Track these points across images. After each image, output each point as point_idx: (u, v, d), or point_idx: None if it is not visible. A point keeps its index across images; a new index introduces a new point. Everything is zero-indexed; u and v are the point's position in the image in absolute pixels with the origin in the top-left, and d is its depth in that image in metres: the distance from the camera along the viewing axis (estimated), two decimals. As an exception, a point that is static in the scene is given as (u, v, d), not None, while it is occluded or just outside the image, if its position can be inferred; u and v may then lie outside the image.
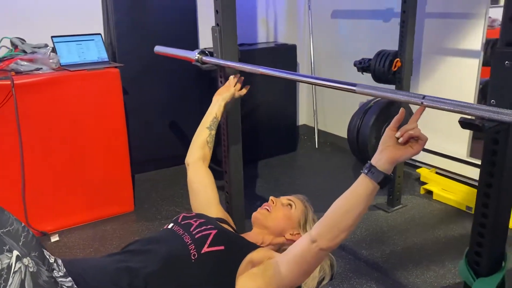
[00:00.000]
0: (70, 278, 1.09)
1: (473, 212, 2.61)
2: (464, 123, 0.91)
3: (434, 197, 2.89)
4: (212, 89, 3.35)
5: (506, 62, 0.90)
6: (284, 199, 1.55)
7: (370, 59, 2.75)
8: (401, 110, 1.05)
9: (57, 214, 2.54)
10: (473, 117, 0.94)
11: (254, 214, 1.49)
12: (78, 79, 2.47)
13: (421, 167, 3.17)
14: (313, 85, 3.93)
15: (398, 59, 2.53)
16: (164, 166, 3.45)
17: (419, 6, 2.51)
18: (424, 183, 3.02)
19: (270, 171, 3.43)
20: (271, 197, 1.53)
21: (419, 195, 2.96)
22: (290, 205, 1.52)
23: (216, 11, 1.78)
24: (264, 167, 3.51)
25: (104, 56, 2.72)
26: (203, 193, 1.59)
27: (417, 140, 1.00)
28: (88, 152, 2.58)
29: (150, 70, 3.19)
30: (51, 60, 2.48)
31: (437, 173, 3.08)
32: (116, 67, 2.61)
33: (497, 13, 2.84)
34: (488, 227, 1.02)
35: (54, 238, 2.47)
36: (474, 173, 2.88)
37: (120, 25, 3.03)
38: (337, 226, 1.05)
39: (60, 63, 2.54)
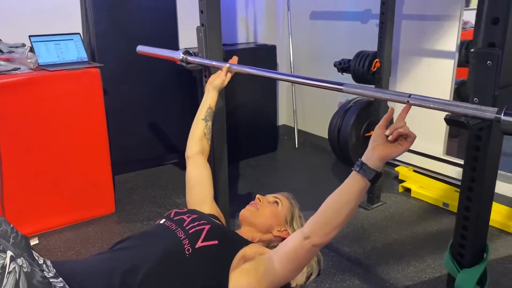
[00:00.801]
0: (61, 279, 1.08)
1: (449, 209, 2.72)
2: (450, 120, 0.95)
3: (412, 195, 2.97)
4: (193, 89, 3.40)
5: (488, 62, 0.95)
6: (270, 197, 1.58)
7: (349, 60, 2.80)
8: (390, 108, 1.09)
9: (36, 217, 2.49)
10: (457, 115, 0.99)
11: (242, 212, 1.51)
12: (58, 79, 2.43)
13: (399, 165, 3.25)
14: (293, 86, 3.97)
15: (377, 59, 2.59)
16: (144, 167, 3.43)
17: (396, 8, 2.58)
18: (402, 181, 3.10)
19: (251, 171, 3.45)
20: (257, 195, 1.56)
21: (398, 193, 3.03)
22: (277, 202, 1.55)
23: (201, 11, 1.79)
24: (245, 167, 3.53)
25: (83, 56, 2.69)
26: (200, 188, 1.59)
27: (406, 137, 1.04)
28: (68, 154, 2.54)
29: (129, 70, 3.17)
30: (29, 60, 2.43)
31: (414, 171, 3.16)
32: (96, 67, 2.58)
33: (469, 15, 2.94)
34: (471, 220, 1.07)
35: (34, 241, 2.43)
36: (450, 170, 2.97)
37: (99, 24, 3.00)
38: (330, 222, 1.08)
39: (38, 63, 2.49)
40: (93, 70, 2.55)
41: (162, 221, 1.38)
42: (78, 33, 2.74)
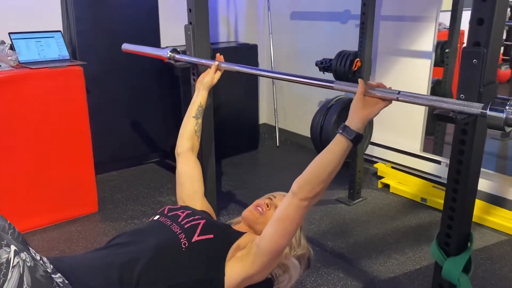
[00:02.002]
0: (59, 274, 1.09)
1: (427, 203, 2.82)
2: (439, 116, 1.00)
3: (391, 190, 3.05)
4: (175, 87, 3.40)
5: (474, 60, 1.01)
6: (278, 201, 1.49)
7: (331, 59, 2.86)
8: (360, 80, 1.21)
9: (18, 216, 2.44)
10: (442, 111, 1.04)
11: (246, 213, 1.49)
12: (40, 77, 2.40)
13: (378, 162, 3.33)
14: (273, 85, 4.02)
15: (358, 59, 2.65)
16: (126, 166, 3.41)
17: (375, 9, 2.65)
18: (381, 177, 3.18)
19: (233, 169, 3.48)
20: (267, 200, 1.51)
21: (377, 189, 3.11)
22: None
23: (189, 10, 1.81)
24: (227, 165, 3.55)
25: (65, 53, 2.66)
26: (190, 184, 1.61)
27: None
28: (50, 152, 2.51)
29: (111, 68, 3.15)
30: (9, 57, 2.40)
31: (393, 167, 3.25)
32: (79, 65, 2.56)
33: (442, 17, 3.04)
34: (457, 211, 1.13)
35: (16, 242, 2.39)
36: (426, 166, 3.07)
37: (80, 22, 2.97)
38: (315, 179, 1.18)
39: (19, 61, 2.45)
40: (76, 68, 2.53)
41: (156, 217, 1.39)
42: (59, 31, 2.71)
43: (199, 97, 1.78)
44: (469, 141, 1.06)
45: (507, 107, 0.95)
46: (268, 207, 1.49)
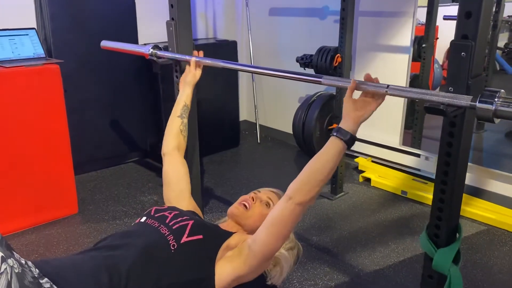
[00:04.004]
0: (46, 279, 1.05)
1: (408, 196, 2.86)
2: (429, 109, 1.01)
3: (372, 184, 3.09)
4: (154, 85, 3.35)
5: (462, 53, 1.02)
6: (264, 195, 1.52)
7: (311, 55, 2.87)
8: (352, 80, 1.22)
9: (-5, 220, 2.38)
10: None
11: (231, 209, 1.48)
12: (16, 76, 2.33)
13: (358, 156, 3.37)
14: (253, 82, 4.01)
15: (338, 54, 2.67)
16: (106, 166, 3.35)
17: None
18: (362, 171, 3.22)
19: (214, 167, 3.46)
20: (252, 194, 1.51)
21: (359, 183, 3.14)
22: (268, 204, 1.49)
23: (171, 5, 1.78)
24: (208, 163, 3.53)
25: (40, 52, 2.58)
26: (177, 184, 1.58)
27: (373, 96, 1.19)
28: (27, 153, 2.44)
29: (88, 66, 3.08)
30: (-18, 56, 2.32)
31: (373, 161, 3.29)
32: (55, 63, 2.49)
33: (418, 13, 3.09)
34: (446, 202, 1.14)
35: (-7, 246, 2.31)
36: (406, 160, 3.12)
37: (55, 18, 2.89)
38: (310, 181, 1.16)
39: (-8, 59, 2.37)
40: (53, 66, 2.46)
41: (143, 219, 1.36)
42: (34, 28, 2.63)
43: (184, 96, 1.76)
44: (457, 134, 1.08)
45: (496, 99, 0.97)
46: (253, 200, 1.48)
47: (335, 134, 1.17)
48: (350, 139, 1.16)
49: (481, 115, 0.97)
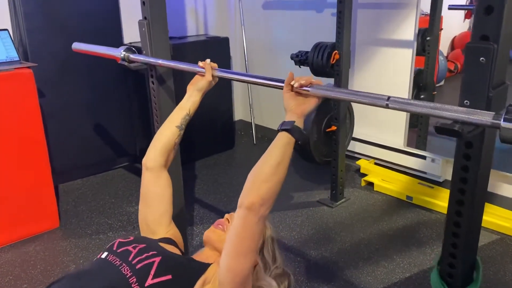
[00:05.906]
0: None
1: (413, 202, 2.66)
2: (441, 129, 0.81)
3: (375, 188, 2.89)
4: (139, 86, 3.15)
5: (481, 58, 0.81)
6: None
7: (307, 52, 2.66)
8: (290, 73, 1.20)
9: (-34, 239, 2.20)
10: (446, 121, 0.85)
11: (207, 233, 1.30)
12: (-17, 82, 2.14)
13: (360, 158, 3.16)
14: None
15: (336, 51, 2.46)
16: (90, 174, 3.16)
17: (351, -3, 2.46)
18: (365, 175, 3.01)
19: (208, 172, 3.26)
20: (226, 215, 1.34)
21: (361, 187, 2.94)
22: None
23: (143, 3, 1.57)
24: (201, 167, 3.34)
25: (13, 55, 2.39)
26: (158, 206, 1.36)
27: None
28: (0, 164, 2.26)
29: (68, 69, 2.88)
30: None
31: (376, 163, 3.09)
32: (28, 67, 2.31)
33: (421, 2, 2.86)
34: (461, 237, 0.94)
35: (-36, 268, 2.14)
36: (411, 162, 2.91)
37: (30, 18, 2.69)
38: (257, 178, 1.06)
39: (-41, 64, 2.18)
40: (25, 70, 2.28)
41: (104, 255, 1.16)
42: (6, 29, 2.43)
43: (190, 103, 1.49)
44: (475, 156, 0.87)
45: (525, 117, 0.76)
46: (229, 222, 1.31)
47: (279, 128, 1.13)
48: (294, 129, 1.11)
49: (506, 137, 0.76)
